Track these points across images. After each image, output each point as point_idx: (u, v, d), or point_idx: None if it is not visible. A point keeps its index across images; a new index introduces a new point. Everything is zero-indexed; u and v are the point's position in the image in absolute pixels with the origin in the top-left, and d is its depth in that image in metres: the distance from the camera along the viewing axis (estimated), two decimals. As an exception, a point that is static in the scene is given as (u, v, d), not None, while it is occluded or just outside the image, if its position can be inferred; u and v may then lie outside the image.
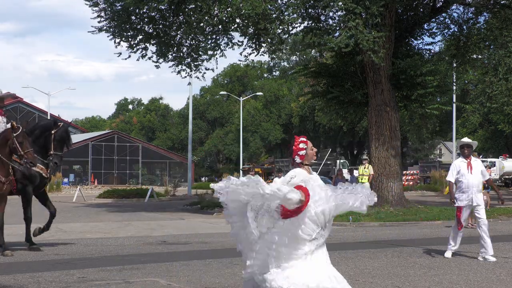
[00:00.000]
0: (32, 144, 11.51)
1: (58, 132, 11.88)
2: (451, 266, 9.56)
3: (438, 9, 23.10)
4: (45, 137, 11.84)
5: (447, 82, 25.08)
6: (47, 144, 11.79)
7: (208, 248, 12.03)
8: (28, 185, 11.68)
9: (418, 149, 69.37)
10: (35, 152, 11.53)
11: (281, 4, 20.13)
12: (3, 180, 10.66)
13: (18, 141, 10.54)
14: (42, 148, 11.80)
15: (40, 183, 11.84)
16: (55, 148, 11.78)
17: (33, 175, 11.61)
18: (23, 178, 11.57)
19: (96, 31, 22.12)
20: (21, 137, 10.59)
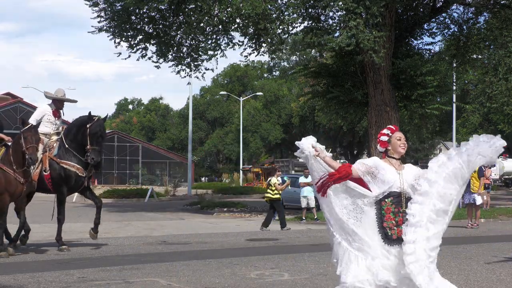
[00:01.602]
0: (70, 143, 11.48)
1: (92, 126, 11.50)
2: (451, 266, 9.56)
3: (438, 9, 23.09)
4: (81, 133, 11.53)
5: (447, 82, 25.05)
6: (84, 140, 11.47)
7: (208, 248, 12.03)
8: (63, 185, 11.45)
9: (418, 149, 69.37)
10: (74, 149, 11.43)
11: (281, 4, 20.12)
12: (22, 181, 10.42)
13: (24, 137, 10.30)
14: (80, 145, 11.52)
15: (75, 183, 11.56)
16: (91, 143, 11.41)
17: (68, 175, 11.40)
18: (59, 178, 11.39)
19: (96, 31, 22.12)
20: (26, 132, 10.34)
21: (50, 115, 12.05)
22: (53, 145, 11.74)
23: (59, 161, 11.48)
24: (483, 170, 17.52)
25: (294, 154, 5.73)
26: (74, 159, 11.47)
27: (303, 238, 14.35)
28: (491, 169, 32.18)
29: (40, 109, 12.26)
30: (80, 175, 11.48)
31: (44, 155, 11.53)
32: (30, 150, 10.21)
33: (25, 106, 59.83)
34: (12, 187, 10.34)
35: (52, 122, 12.05)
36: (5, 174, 10.35)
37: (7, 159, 10.43)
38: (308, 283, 8.05)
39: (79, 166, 11.44)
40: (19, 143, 10.38)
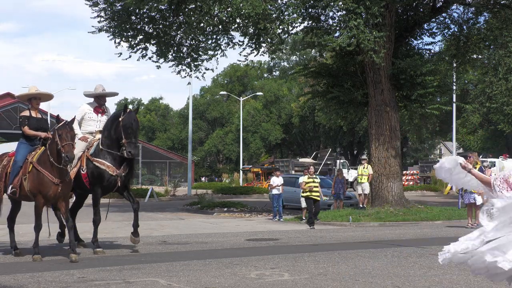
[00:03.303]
0: (105, 139, 11.17)
1: (124, 118, 11.05)
2: (451, 266, 9.54)
3: (438, 9, 23.09)
4: (115, 127, 11.12)
5: (447, 82, 25.07)
6: (117, 133, 11.05)
7: (208, 248, 12.03)
8: (96, 184, 11.11)
9: (418, 149, 69.38)
10: (108, 146, 11.10)
11: (281, 4, 20.12)
12: (56, 182, 9.98)
13: (58, 134, 9.89)
14: (114, 140, 11.09)
15: (108, 182, 11.11)
16: (126, 136, 10.95)
17: (100, 174, 11.02)
18: (92, 177, 11.11)
19: (96, 31, 22.11)
20: (61, 130, 9.94)
21: (91, 113, 11.74)
22: (93, 143, 11.43)
23: (92, 159, 11.18)
24: (483, 170, 17.52)
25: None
26: (108, 156, 11.07)
27: (303, 238, 14.35)
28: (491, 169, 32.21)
29: (79, 109, 11.97)
30: (111, 173, 11.03)
31: (83, 153, 11.31)
32: (66, 148, 9.81)
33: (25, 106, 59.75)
34: (46, 188, 9.95)
35: (95, 120, 11.71)
36: (38, 174, 9.99)
37: (44, 158, 10.05)
38: (308, 283, 8.04)
39: (109, 164, 11.02)
40: (54, 141, 10.00)
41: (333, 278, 8.41)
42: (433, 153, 76.62)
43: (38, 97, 10.95)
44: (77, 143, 11.29)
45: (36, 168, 10.04)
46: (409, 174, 47.32)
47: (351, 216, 19.00)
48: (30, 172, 10.10)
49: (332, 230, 16.74)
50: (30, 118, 10.72)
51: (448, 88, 26.54)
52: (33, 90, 10.90)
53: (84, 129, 11.64)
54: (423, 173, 48.68)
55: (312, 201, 17.89)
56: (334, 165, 45.02)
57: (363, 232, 15.72)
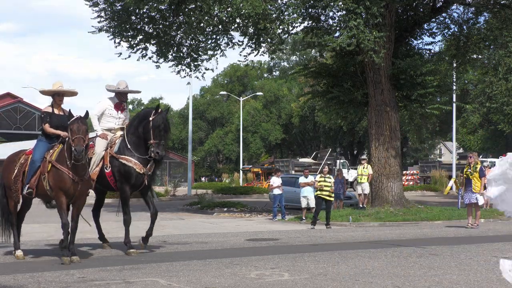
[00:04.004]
0: (131, 136, 10.94)
1: (155, 118, 10.81)
2: (451, 266, 9.56)
3: (438, 9, 23.10)
4: (143, 126, 10.87)
5: (447, 82, 25.07)
6: (146, 133, 10.82)
7: (208, 248, 12.02)
8: (124, 182, 10.85)
9: (418, 149, 69.38)
10: (135, 144, 10.89)
11: (281, 4, 20.13)
12: (76, 180, 9.75)
13: (70, 128, 9.67)
14: (141, 139, 10.89)
15: (136, 180, 10.88)
16: (155, 136, 10.74)
17: (127, 172, 10.77)
18: (119, 175, 10.84)
19: (96, 31, 22.13)
20: (73, 124, 9.70)
21: (112, 109, 11.46)
22: (115, 141, 11.16)
23: (118, 156, 10.91)
24: (484, 170, 17.52)
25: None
26: (135, 154, 10.86)
27: (303, 238, 14.35)
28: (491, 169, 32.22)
29: (100, 104, 11.62)
30: (138, 171, 10.81)
31: (106, 151, 11.04)
32: (76, 141, 9.53)
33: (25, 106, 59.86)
34: (66, 186, 9.73)
35: (114, 117, 11.44)
36: (58, 172, 9.77)
37: (62, 156, 9.85)
38: (308, 283, 8.04)
39: (136, 162, 10.80)
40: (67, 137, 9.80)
41: (333, 278, 8.41)
42: (433, 153, 76.67)
43: (61, 93, 10.61)
44: (97, 140, 11.11)
45: (55, 166, 9.83)
46: (409, 174, 47.33)
47: (351, 216, 19.00)
48: (50, 171, 9.87)
49: (332, 230, 16.73)
50: (52, 115, 10.41)
51: (448, 88, 26.54)
52: (57, 86, 10.57)
53: (103, 125, 11.36)
54: (423, 173, 48.70)
55: (322, 201, 17.87)
56: (334, 165, 45.02)
57: (363, 232, 15.72)
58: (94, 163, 10.94)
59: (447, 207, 22.64)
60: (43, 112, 10.52)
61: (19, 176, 10.39)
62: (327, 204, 17.93)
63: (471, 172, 16.92)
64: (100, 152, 11.02)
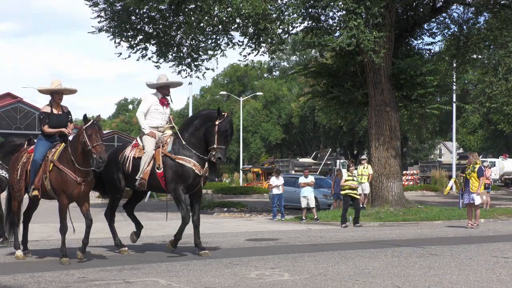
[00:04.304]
0: (190, 136, 10.61)
1: (222, 123, 10.50)
2: (451, 266, 9.56)
3: (438, 9, 23.10)
4: (207, 128, 10.55)
5: (447, 82, 25.07)
6: (209, 136, 10.51)
7: (208, 248, 12.02)
8: (179, 183, 10.50)
9: (418, 149, 69.38)
10: (194, 145, 10.55)
11: (281, 4, 20.13)
12: (79, 181, 9.64)
13: (87, 134, 9.46)
14: (201, 141, 10.59)
15: (193, 181, 10.58)
16: (219, 141, 10.42)
17: (186, 172, 10.44)
18: (175, 176, 10.50)
19: (96, 31, 22.13)
20: (90, 129, 9.49)
21: (158, 105, 11.11)
22: (166, 140, 10.83)
23: (174, 156, 10.54)
24: (483, 170, 17.52)
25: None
26: (192, 155, 10.53)
27: (303, 238, 14.35)
28: (491, 169, 32.23)
29: (145, 101, 11.26)
30: (197, 172, 10.51)
31: (157, 151, 10.69)
32: (98, 148, 9.39)
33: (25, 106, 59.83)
34: (69, 188, 9.63)
35: (161, 112, 11.13)
36: (61, 173, 9.64)
37: (65, 157, 9.69)
38: (308, 283, 8.04)
39: (196, 163, 10.48)
40: (78, 141, 9.61)
41: (333, 278, 8.41)
42: (433, 153, 76.67)
43: (60, 91, 10.40)
44: (146, 139, 10.85)
45: (58, 166, 9.66)
46: (409, 174, 47.34)
47: (351, 216, 19.00)
48: (52, 171, 9.74)
49: (332, 230, 16.73)
50: (50, 115, 10.26)
51: (448, 88, 26.55)
52: (56, 84, 10.37)
53: (149, 122, 11.03)
54: (423, 173, 48.72)
55: (350, 199, 18.05)
56: (334, 165, 45.03)
57: (363, 232, 15.72)
58: (146, 162, 10.62)
59: (447, 207, 22.65)
60: (41, 113, 10.40)
61: (22, 175, 10.25)
62: (355, 202, 18.12)
63: (469, 172, 16.94)
64: (150, 151, 10.68)
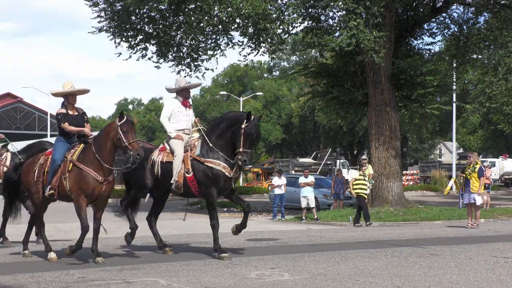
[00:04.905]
0: (217, 139, 10.50)
1: (249, 126, 10.32)
2: (451, 266, 9.56)
3: (438, 9, 23.10)
4: (233, 131, 10.40)
5: (447, 82, 25.08)
6: (235, 139, 10.35)
7: (208, 248, 12.03)
8: (211, 187, 10.41)
9: (418, 149, 69.37)
10: (220, 148, 10.44)
11: (281, 4, 20.13)
12: (100, 180, 9.54)
13: (122, 131, 9.38)
14: (229, 143, 10.45)
15: (224, 184, 10.49)
16: (245, 144, 10.28)
17: (216, 175, 10.34)
18: (206, 179, 10.38)
19: (96, 32, 22.14)
20: (125, 126, 9.43)
21: (180, 107, 10.99)
22: (194, 143, 10.70)
23: (203, 160, 10.42)
24: (483, 170, 17.52)
25: None
26: (220, 157, 10.41)
27: (303, 238, 14.35)
28: (491, 169, 32.21)
29: (167, 104, 11.19)
30: (227, 175, 10.42)
31: (185, 154, 10.54)
32: (135, 145, 9.35)
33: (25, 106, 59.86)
34: (89, 188, 9.50)
35: (185, 114, 11.00)
36: (81, 172, 9.51)
37: (87, 156, 9.58)
38: (308, 283, 8.04)
39: (225, 165, 10.35)
40: (108, 138, 9.51)
41: (333, 278, 8.41)
42: (433, 153, 76.65)
43: (74, 93, 10.32)
44: (174, 142, 10.70)
45: (78, 166, 9.53)
46: (409, 174, 47.34)
47: (351, 216, 19.00)
48: (71, 171, 9.61)
49: (332, 230, 16.73)
50: (67, 115, 10.18)
51: (448, 88, 26.55)
52: (68, 86, 10.30)
53: (174, 126, 10.88)
54: (423, 173, 48.70)
55: (363, 198, 18.21)
56: (334, 165, 45.02)
57: (363, 232, 15.72)
58: (178, 166, 10.45)
59: (447, 207, 22.64)
60: (58, 113, 10.22)
61: (40, 176, 10.05)
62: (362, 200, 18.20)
63: (469, 172, 16.93)
64: (181, 154, 10.51)
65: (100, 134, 9.85)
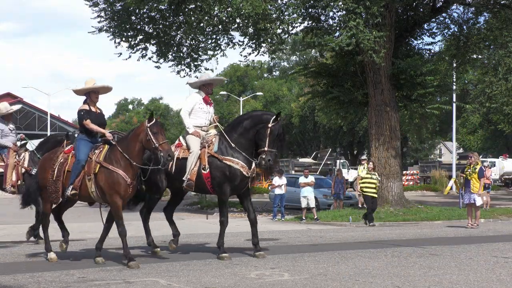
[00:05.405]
0: (238, 137, 10.35)
1: (276, 125, 10.19)
2: (451, 266, 9.56)
3: (438, 9, 23.11)
4: (258, 130, 10.26)
5: (447, 82, 25.08)
6: (260, 138, 10.22)
7: (208, 248, 12.03)
8: (225, 182, 10.27)
9: (418, 149, 69.34)
10: (241, 146, 10.29)
11: (281, 4, 20.13)
12: (128, 182, 9.35)
13: (152, 132, 9.26)
14: (251, 142, 10.32)
15: (240, 183, 10.37)
16: (270, 144, 10.14)
17: (233, 174, 10.21)
18: (222, 177, 10.25)
19: (96, 32, 22.14)
20: (155, 127, 9.31)
21: (202, 104, 10.79)
22: (212, 140, 10.55)
23: (221, 157, 10.27)
24: (484, 170, 17.52)
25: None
26: (240, 156, 10.27)
27: (303, 238, 14.35)
28: (491, 169, 32.22)
29: (189, 100, 10.95)
30: (245, 174, 10.28)
31: (202, 151, 10.38)
32: (165, 146, 9.23)
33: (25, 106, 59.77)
34: (121, 188, 9.34)
35: (205, 111, 10.81)
36: (112, 174, 9.35)
37: (115, 157, 9.42)
38: (308, 283, 8.05)
39: (243, 164, 10.23)
40: (137, 139, 9.38)
41: (333, 278, 8.41)
42: (433, 153, 76.62)
43: (96, 90, 10.15)
44: (190, 138, 10.58)
45: (107, 167, 9.39)
46: (409, 174, 47.33)
47: (351, 216, 19.01)
48: (100, 173, 9.45)
49: (332, 230, 16.73)
50: (90, 112, 10.01)
51: (448, 88, 26.55)
52: (91, 83, 10.07)
53: (192, 121, 10.72)
54: (423, 173, 48.69)
55: (370, 198, 18.09)
56: (334, 165, 45.00)
57: (363, 232, 15.72)
58: (192, 163, 10.32)
59: (447, 207, 22.65)
60: (81, 110, 10.02)
61: (60, 175, 9.84)
62: (373, 200, 18.13)
63: (470, 173, 16.92)
64: (197, 151, 10.37)
65: (128, 136, 9.74)
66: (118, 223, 9.56)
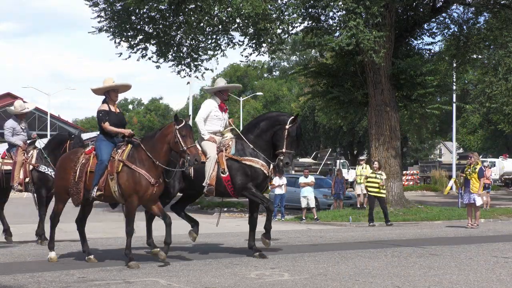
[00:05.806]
0: (255, 138, 10.37)
1: (293, 127, 10.25)
2: (451, 266, 9.56)
3: (438, 9, 23.11)
4: (275, 131, 10.30)
5: (447, 82, 25.10)
6: (277, 140, 10.25)
7: (208, 248, 12.04)
8: (248, 182, 10.24)
9: (418, 149, 69.33)
10: (259, 147, 10.31)
11: (281, 4, 20.14)
12: (152, 182, 9.26)
13: (181, 135, 9.15)
14: (268, 143, 10.34)
15: (262, 182, 10.36)
16: (288, 145, 10.18)
17: (255, 172, 10.22)
18: (244, 177, 10.24)
19: (96, 32, 22.14)
20: (184, 130, 9.17)
21: (217, 111, 10.79)
22: (228, 143, 10.52)
23: (240, 158, 10.27)
24: (483, 170, 17.52)
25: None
26: (260, 155, 10.28)
27: (303, 238, 14.35)
28: (491, 169, 32.22)
29: (205, 105, 10.89)
30: (266, 173, 10.29)
31: (220, 154, 10.34)
32: (193, 150, 9.14)
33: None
34: (142, 188, 9.23)
35: (220, 118, 10.80)
36: (134, 173, 9.24)
37: (138, 156, 9.32)
38: (308, 283, 8.05)
39: (263, 163, 10.23)
40: (165, 140, 9.27)
41: (333, 278, 8.41)
42: (433, 153, 76.62)
43: (116, 89, 9.99)
44: (206, 144, 10.50)
45: (130, 167, 9.26)
46: (409, 174, 47.33)
47: (351, 216, 19.02)
48: (122, 172, 9.33)
49: (332, 230, 16.73)
50: (109, 113, 9.77)
51: (448, 88, 26.56)
52: (109, 82, 9.92)
53: (207, 128, 10.69)
54: (423, 173, 48.70)
55: (374, 198, 17.98)
56: (334, 165, 45.00)
57: (363, 232, 15.72)
58: (211, 168, 10.24)
59: (447, 207, 22.66)
60: (100, 111, 9.86)
61: (82, 176, 9.70)
62: (380, 200, 17.95)
63: (470, 173, 16.93)
64: (214, 156, 10.33)
65: (154, 136, 9.60)
66: (128, 222, 9.51)
